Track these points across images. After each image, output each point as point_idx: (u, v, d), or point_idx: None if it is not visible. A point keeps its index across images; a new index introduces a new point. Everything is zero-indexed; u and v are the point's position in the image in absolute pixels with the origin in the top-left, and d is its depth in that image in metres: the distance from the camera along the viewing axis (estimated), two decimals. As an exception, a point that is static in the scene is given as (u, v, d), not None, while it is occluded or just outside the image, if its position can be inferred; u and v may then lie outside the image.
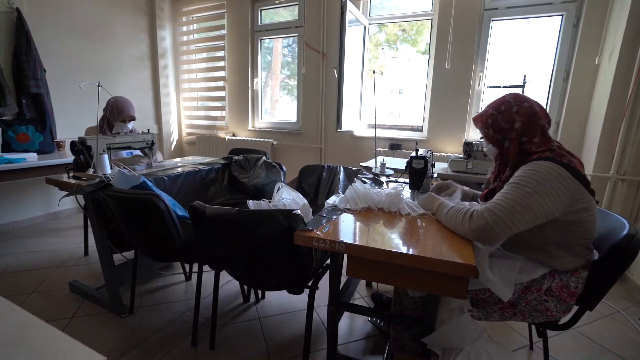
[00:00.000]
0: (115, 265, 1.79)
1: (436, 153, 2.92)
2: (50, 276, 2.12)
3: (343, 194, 1.37)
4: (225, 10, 3.80)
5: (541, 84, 2.66)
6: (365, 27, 3.13)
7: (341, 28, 2.60)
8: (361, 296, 1.99)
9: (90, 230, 1.92)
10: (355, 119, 3.24)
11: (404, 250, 0.95)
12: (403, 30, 3.34)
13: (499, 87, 2.37)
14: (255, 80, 3.82)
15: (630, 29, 2.08)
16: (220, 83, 4.02)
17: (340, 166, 2.07)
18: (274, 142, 3.69)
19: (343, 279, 1.46)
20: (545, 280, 1.06)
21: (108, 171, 1.83)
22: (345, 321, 1.74)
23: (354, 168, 2.08)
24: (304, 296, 1.50)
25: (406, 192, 1.50)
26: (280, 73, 4.01)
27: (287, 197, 1.34)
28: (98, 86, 1.78)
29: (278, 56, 4.00)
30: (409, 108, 3.37)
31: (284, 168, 2.26)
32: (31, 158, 2.54)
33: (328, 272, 1.24)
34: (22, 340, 0.52)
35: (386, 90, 3.88)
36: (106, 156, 1.86)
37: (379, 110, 3.49)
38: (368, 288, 2.08)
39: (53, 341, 0.52)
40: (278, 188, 1.43)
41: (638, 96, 2.08)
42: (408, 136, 3.15)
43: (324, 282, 1.29)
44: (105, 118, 2.23)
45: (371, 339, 1.62)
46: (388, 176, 1.95)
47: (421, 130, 3.13)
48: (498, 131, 1.15)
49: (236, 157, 2.31)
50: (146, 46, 3.92)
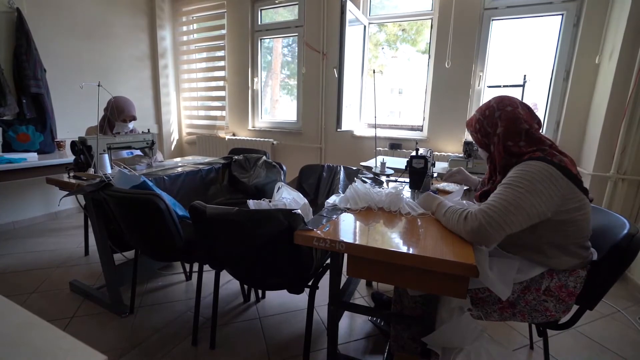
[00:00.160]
0: (115, 265, 1.79)
1: (436, 152, 2.92)
2: (50, 276, 2.12)
3: (343, 194, 1.37)
4: (225, 10, 3.80)
5: (541, 84, 2.65)
6: (365, 27, 3.13)
7: (341, 28, 2.60)
8: (361, 296, 1.99)
9: (90, 230, 1.93)
10: (355, 119, 3.24)
11: (404, 249, 0.95)
12: (403, 30, 3.34)
13: (499, 87, 2.37)
14: (255, 80, 3.81)
15: (630, 29, 2.08)
16: (220, 83, 4.02)
17: (340, 166, 2.07)
18: (274, 142, 3.69)
19: (343, 279, 1.46)
20: (543, 280, 1.06)
21: (108, 171, 1.84)
22: (345, 321, 1.74)
23: (354, 168, 2.08)
24: (304, 296, 1.51)
25: (406, 192, 1.50)
26: (280, 73, 4.01)
27: (287, 197, 1.34)
28: (98, 86, 1.78)
29: (278, 56, 4.00)
30: (409, 108, 3.36)
31: (284, 168, 2.26)
32: (31, 158, 2.54)
33: (328, 272, 1.24)
34: (23, 339, 0.52)
35: (386, 90, 3.87)
36: (106, 156, 1.86)
37: (379, 110, 3.49)
38: (368, 287, 2.08)
39: (54, 341, 0.52)
40: (278, 188, 1.43)
41: (638, 96, 2.08)
42: (408, 136, 3.15)
43: (324, 282, 1.29)
44: (105, 118, 2.24)
45: (371, 339, 1.62)
46: (388, 176, 1.95)
47: (421, 129, 3.13)
48: (484, 135, 1.16)
49: (236, 157, 2.31)
50: (146, 46, 3.92)
